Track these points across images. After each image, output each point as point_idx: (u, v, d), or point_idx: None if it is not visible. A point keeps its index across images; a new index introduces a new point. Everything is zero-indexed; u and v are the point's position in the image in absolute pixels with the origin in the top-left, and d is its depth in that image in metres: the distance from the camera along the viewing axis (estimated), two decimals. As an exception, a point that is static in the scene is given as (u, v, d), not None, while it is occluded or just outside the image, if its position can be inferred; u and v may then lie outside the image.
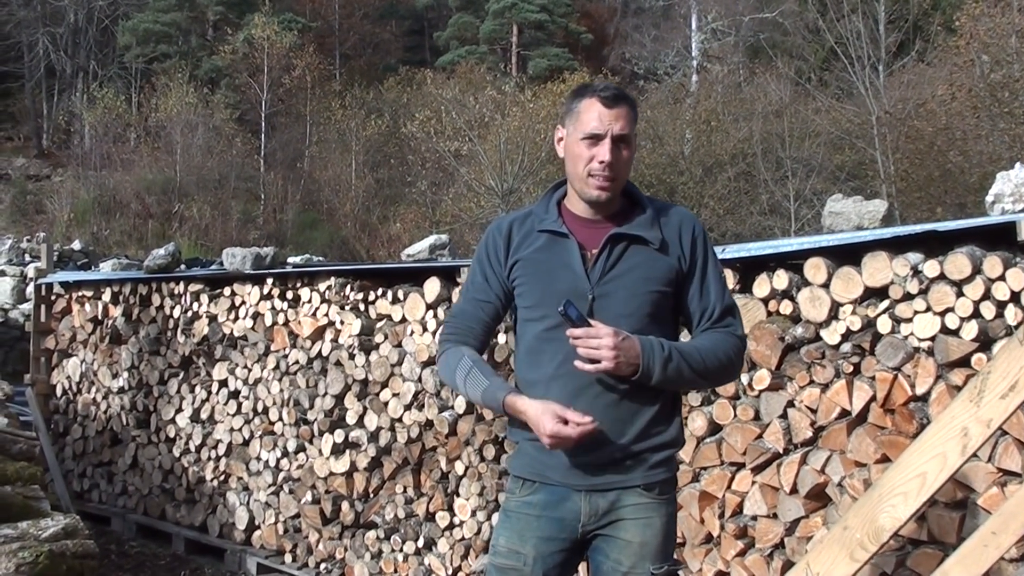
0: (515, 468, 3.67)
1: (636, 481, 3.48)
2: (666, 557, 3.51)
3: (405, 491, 7.30)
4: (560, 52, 48.79)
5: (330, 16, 51.30)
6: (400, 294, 7.42)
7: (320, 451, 7.85)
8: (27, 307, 17.99)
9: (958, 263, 4.80)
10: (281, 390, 8.27)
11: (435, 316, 7.11)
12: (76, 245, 24.06)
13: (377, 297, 7.65)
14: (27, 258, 22.06)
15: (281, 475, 8.33)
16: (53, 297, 10.87)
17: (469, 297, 3.69)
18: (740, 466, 5.62)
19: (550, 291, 3.47)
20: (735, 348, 3.58)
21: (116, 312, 9.96)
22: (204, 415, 9.05)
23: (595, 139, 3.45)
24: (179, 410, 9.26)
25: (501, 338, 6.63)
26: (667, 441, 3.54)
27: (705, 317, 3.58)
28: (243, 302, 8.76)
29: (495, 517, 6.54)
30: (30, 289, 16.02)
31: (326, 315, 7.96)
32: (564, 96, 31.35)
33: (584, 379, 3.39)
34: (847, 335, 5.21)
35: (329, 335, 7.91)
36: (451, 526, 7.01)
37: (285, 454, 8.30)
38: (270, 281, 8.48)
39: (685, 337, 3.67)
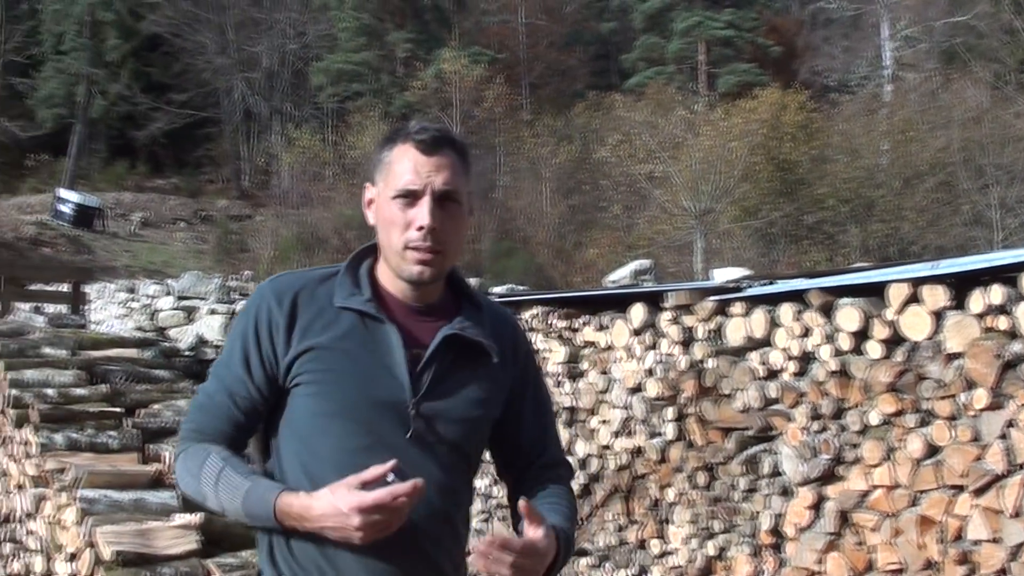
0: None
1: None
2: None
3: (616, 518, 7.32)
4: (749, 68, 48.32)
5: (516, 47, 51.79)
6: (605, 320, 7.45)
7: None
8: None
9: None
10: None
11: (641, 342, 7.13)
12: (281, 282, 24.71)
13: (582, 324, 7.69)
14: (233, 296, 22.71)
15: (491, 502, 8.42)
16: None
17: (221, 388, 2.68)
18: (960, 489, 5.49)
19: (362, 398, 2.58)
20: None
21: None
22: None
23: (411, 197, 2.59)
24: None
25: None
26: None
27: (536, 454, 2.85)
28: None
29: (709, 545, 6.54)
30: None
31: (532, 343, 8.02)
32: (752, 112, 31.54)
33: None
34: (1069, 351, 5.07)
35: (536, 364, 7.96)
36: (664, 553, 7.00)
37: (495, 482, 8.39)
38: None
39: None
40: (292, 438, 2.63)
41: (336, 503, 2.38)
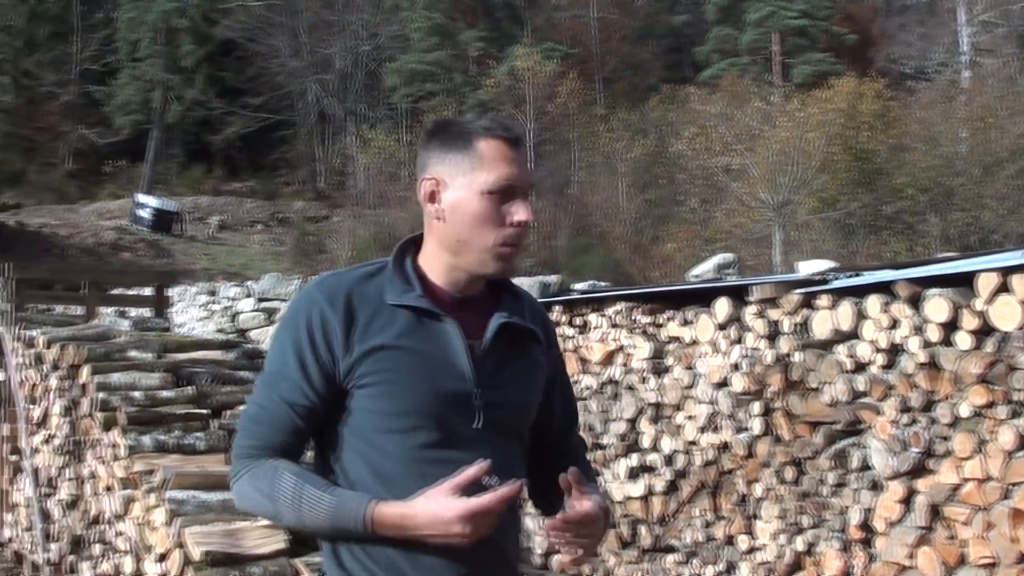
0: None
1: None
2: None
3: (703, 514, 7.27)
4: (824, 57, 47.95)
5: (589, 42, 51.79)
6: (689, 315, 7.40)
7: (615, 475, 7.89)
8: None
9: None
10: (573, 416, 8.34)
11: (726, 336, 7.07)
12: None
13: (667, 320, 7.65)
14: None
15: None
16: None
17: (276, 398, 2.57)
18: (1054, 480, 5.40)
19: (430, 394, 2.53)
20: None
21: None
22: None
23: (508, 193, 2.55)
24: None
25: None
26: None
27: (561, 428, 2.91)
28: (531, 330, 8.87)
29: (798, 540, 6.48)
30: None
31: (615, 339, 8.00)
32: (828, 102, 31.21)
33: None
34: None
35: (619, 359, 7.94)
36: (752, 549, 6.94)
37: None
38: (557, 308, 8.56)
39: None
40: (355, 439, 2.57)
41: (437, 512, 2.37)
